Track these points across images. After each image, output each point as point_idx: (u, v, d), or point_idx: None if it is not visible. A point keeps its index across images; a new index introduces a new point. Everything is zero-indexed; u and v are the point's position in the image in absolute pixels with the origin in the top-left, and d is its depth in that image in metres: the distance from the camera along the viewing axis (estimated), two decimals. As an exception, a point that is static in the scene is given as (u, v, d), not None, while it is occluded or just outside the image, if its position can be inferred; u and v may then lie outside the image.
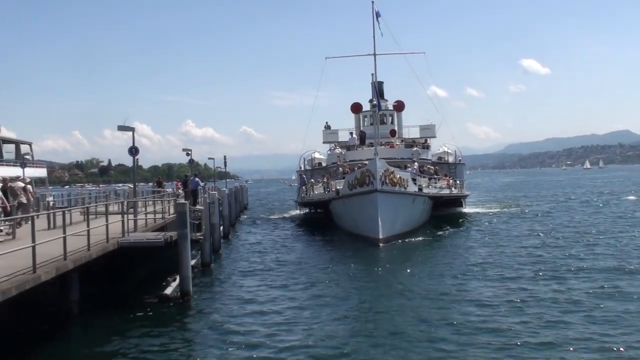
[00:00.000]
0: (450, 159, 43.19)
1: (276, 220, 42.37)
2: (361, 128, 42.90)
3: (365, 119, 43.33)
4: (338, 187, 30.65)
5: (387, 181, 25.82)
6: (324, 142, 46.10)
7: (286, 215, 45.85)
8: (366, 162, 28.33)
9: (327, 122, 46.16)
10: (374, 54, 39.93)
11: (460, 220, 35.48)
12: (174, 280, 15.93)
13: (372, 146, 29.05)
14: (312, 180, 39.44)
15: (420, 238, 26.91)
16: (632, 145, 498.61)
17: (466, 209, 41.36)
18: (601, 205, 45.78)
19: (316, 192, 36.78)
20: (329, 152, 44.19)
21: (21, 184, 19.60)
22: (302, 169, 44.43)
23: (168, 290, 15.19)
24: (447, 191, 36.19)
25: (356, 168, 30.28)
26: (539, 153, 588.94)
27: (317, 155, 45.78)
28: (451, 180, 37.89)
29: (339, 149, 41.61)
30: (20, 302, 9.94)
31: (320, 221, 34.97)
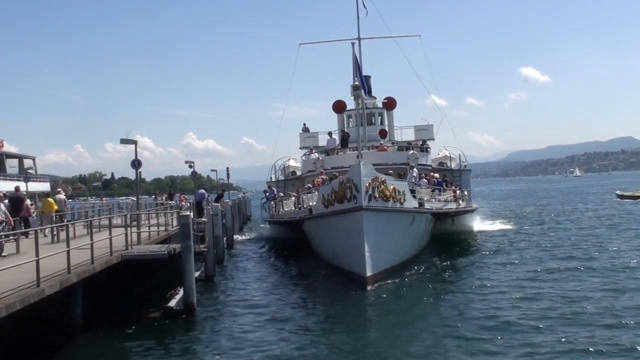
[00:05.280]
0: (453, 165, 35.72)
1: (243, 241, 35.34)
2: (345, 129, 35.00)
3: (350, 119, 35.24)
4: (311, 204, 23.77)
5: (377, 194, 18.78)
6: (301, 148, 37.85)
7: (256, 233, 38.58)
8: (349, 169, 20.64)
9: (305, 124, 39.14)
10: (359, 38, 34.43)
11: (469, 242, 28.89)
12: (178, 292, 15.89)
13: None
14: (282, 194, 32.82)
15: (421, 272, 20.20)
16: (635, 152, 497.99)
17: (475, 225, 33.87)
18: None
19: (286, 209, 29.43)
20: (303, 158, 35.66)
21: (62, 197, 22.41)
22: (274, 179, 37.08)
23: (172, 303, 15.14)
24: (453, 205, 28.44)
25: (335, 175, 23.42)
26: (541, 160, 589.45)
27: (292, 163, 38.27)
28: (458, 191, 29.98)
29: (316, 154, 33.70)
30: (24, 316, 9.92)
31: (292, 243, 28.23)
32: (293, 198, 28.73)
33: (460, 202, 29.84)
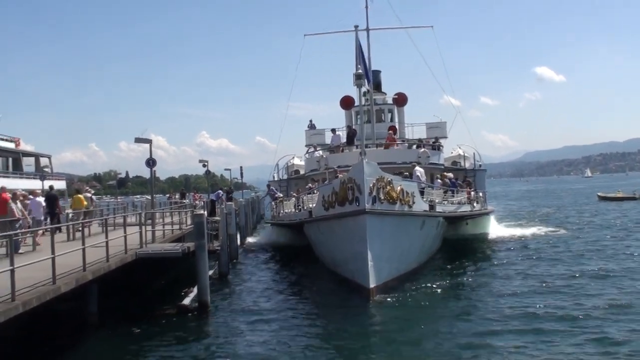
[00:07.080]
0: (467, 164, 33.50)
1: (256, 240, 33.37)
2: (353, 126, 32.21)
3: (359, 116, 32.25)
4: (311, 205, 21.91)
5: (382, 196, 16.84)
6: (306, 145, 35.89)
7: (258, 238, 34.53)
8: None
9: (311, 120, 37.62)
10: (367, 29, 32.57)
11: (484, 247, 26.50)
12: (192, 290, 15.97)
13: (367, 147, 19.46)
14: (280, 194, 30.91)
15: (431, 282, 17.93)
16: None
17: (491, 229, 30.82)
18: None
19: (287, 211, 27.28)
20: (306, 155, 34.05)
21: (88, 195, 23.46)
22: (277, 178, 35.37)
23: (186, 301, 15.22)
24: (467, 207, 26.22)
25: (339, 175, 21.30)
26: (557, 161, 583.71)
27: (296, 161, 36.11)
28: (472, 193, 27.67)
29: (320, 152, 31.58)
30: (40, 313, 10.02)
31: (294, 245, 26.72)
32: (294, 199, 26.84)
33: (475, 204, 27.56)
